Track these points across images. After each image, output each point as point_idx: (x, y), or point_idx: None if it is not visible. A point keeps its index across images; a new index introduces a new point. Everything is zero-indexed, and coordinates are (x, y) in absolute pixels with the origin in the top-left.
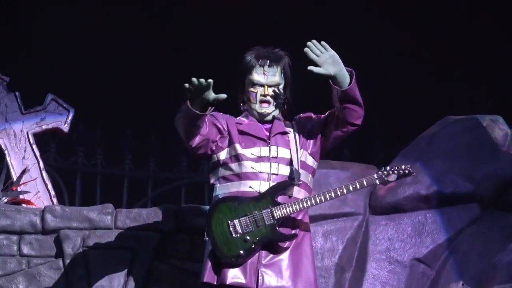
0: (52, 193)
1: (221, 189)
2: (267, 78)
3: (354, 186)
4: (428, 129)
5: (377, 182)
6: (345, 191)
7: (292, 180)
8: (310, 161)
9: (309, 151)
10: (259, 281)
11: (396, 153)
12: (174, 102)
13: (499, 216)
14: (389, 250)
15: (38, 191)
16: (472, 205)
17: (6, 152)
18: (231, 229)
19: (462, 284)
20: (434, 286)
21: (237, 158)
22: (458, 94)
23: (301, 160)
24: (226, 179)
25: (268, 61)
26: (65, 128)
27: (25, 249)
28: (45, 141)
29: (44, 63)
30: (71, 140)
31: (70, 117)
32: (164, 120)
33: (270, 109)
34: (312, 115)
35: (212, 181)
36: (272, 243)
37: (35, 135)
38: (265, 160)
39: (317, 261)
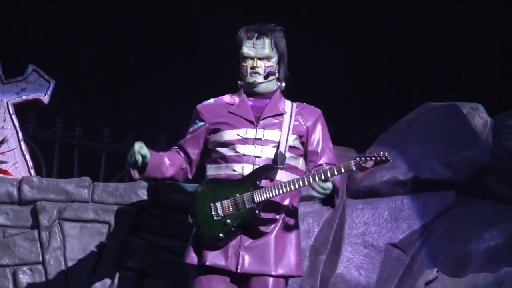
0: (30, 164)
1: (209, 171)
2: (256, 50)
3: (332, 171)
4: (408, 114)
5: (354, 168)
6: (323, 176)
7: (275, 163)
8: (298, 144)
9: (299, 139)
10: (239, 263)
11: (372, 137)
12: (154, 77)
13: (475, 202)
14: (365, 234)
15: (16, 161)
16: (449, 192)
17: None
18: (212, 211)
19: (437, 271)
20: (409, 272)
21: (223, 143)
22: (437, 81)
23: (290, 144)
24: (214, 161)
25: (257, 33)
26: (45, 99)
27: (1, 219)
28: (24, 112)
29: (26, 34)
30: (51, 111)
31: (50, 89)
32: (143, 94)
33: (260, 79)
34: (318, 114)
35: (204, 162)
36: (254, 227)
37: (15, 105)
38: (250, 143)
39: None
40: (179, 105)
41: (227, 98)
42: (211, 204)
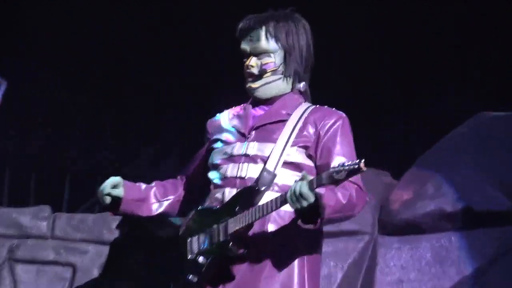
0: None
1: (203, 201)
2: (251, 44)
3: (299, 187)
4: (456, 128)
5: (325, 182)
6: (288, 197)
7: (258, 184)
8: (303, 158)
9: (305, 151)
10: None
11: (413, 155)
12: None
13: None
14: (402, 281)
15: None
16: (510, 227)
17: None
18: (187, 248)
19: None
20: None
21: (213, 165)
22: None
23: (287, 160)
24: (208, 188)
25: (251, 23)
26: None
27: None
28: None
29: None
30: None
31: (2, 90)
32: (119, 107)
33: (256, 84)
34: (337, 118)
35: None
36: (236, 266)
37: None
38: (236, 161)
39: None
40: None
41: (236, 108)
42: (188, 239)
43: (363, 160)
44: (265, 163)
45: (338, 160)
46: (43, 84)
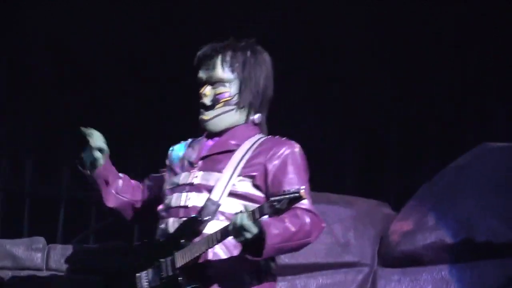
0: None
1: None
2: (207, 72)
3: (239, 218)
4: (459, 158)
5: (267, 212)
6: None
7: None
8: (250, 188)
9: (252, 181)
10: None
11: (413, 186)
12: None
13: None
14: None
15: None
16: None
17: None
18: (137, 283)
19: None
20: None
21: (163, 195)
22: (493, 115)
23: (232, 189)
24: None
25: (208, 51)
26: None
27: None
28: None
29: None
30: None
31: None
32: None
33: (207, 115)
34: (288, 148)
35: None
36: None
37: None
38: (180, 191)
39: None
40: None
41: (196, 139)
42: (137, 274)
43: (302, 188)
44: (209, 192)
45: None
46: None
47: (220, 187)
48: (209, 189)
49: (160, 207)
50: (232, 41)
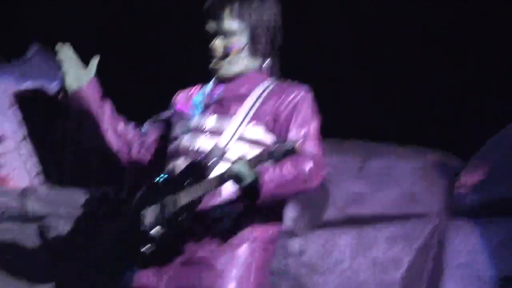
0: (35, 169)
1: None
2: (216, 24)
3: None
4: None
5: (265, 159)
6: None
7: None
8: (261, 134)
9: (264, 127)
10: (165, 282)
11: (482, 137)
12: None
13: None
14: (471, 265)
15: (15, 167)
16: None
17: None
18: (141, 220)
19: None
20: None
21: (172, 138)
22: None
23: (242, 135)
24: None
25: (216, 2)
26: (54, 86)
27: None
28: (28, 101)
29: (31, 7)
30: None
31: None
32: None
33: (217, 65)
34: (299, 92)
35: None
36: (188, 242)
37: (15, 94)
38: (192, 134)
39: (378, 274)
40: None
41: (205, 84)
42: (141, 212)
43: (298, 142)
44: (219, 137)
45: (294, 133)
46: None
47: (229, 133)
48: (220, 134)
49: (170, 147)
50: None
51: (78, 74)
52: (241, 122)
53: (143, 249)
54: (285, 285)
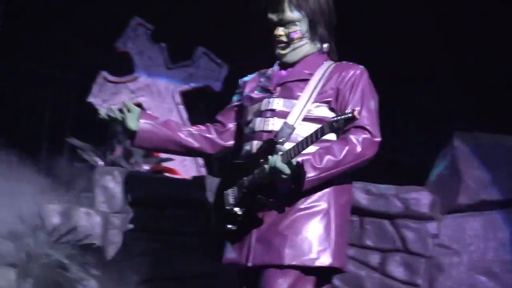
0: (201, 161)
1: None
2: (277, 15)
3: (305, 141)
4: None
5: (327, 131)
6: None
7: (278, 137)
8: (326, 112)
9: (328, 105)
10: (250, 256)
11: None
12: None
13: None
14: None
15: (184, 159)
16: None
17: (149, 112)
18: (224, 199)
19: None
20: None
21: (246, 121)
22: None
23: (307, 113)
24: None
25: None
26: (217, 86)
27: (167, 224)
28: (193, 101)
29: (193, 12)
30: (223, 100)
31: (222, 74)
32: None
33: (285, 50)
34: (355, 71)
35: None
36: (268, 214)
37: (182, 93)
38: (263, 116)
39: (504, 255)
40: None
41: (267, 70)
42: (224, 193)
43: (356, 109)
44: (286, 118)
45: (352, 107)
46: None
47: (296, 113)
48: (287, 115)
49: (245, 130)
50: None
51: (130, 120)
52: (306, 103)
53: (228, 227)
54: (424, 264)
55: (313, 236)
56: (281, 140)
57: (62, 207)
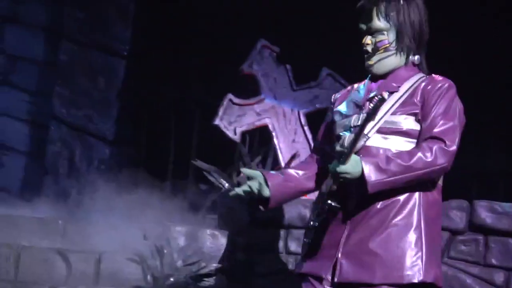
0: None
1: None
2: (366, 24)
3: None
4: None
5: (373, 117)
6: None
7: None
8: (410, 125)
9: (414, 117)
10: (337, 271)
11: None
12: None
13: None
14: None
15: None
16: None
17: (274, 133)
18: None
19: None
20: None
21: (336, 136)
22: None
23: (384, 124)
24: None
25: (365, 3)
26: None
27: (293, 246)
28: (318, 122)
29: (318, 33)
30: None
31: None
32: None
33: (371, 60)
34: (442, 86)
35: None
36: (358, 224)
37: (308, 115)
38: (353, 131)
39: None
40: None
41: (357, 84)
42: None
43: (386, 93)
44: (379, 133)
45: (432, 120)
46: None
47: (370, 124)
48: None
49: (336, 146)
50: None
51: (263, 189)
52: (385, 113)
53: (304, 240)
54: None
55: (404, 252)
56: (345, 149)
57: (187, 229)
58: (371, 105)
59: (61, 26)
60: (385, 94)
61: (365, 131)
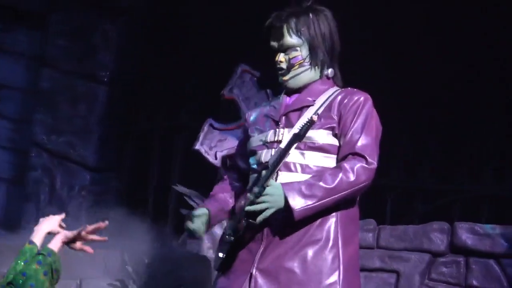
0: None
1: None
2: (278, 41)
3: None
4: None
5: (296, 142)
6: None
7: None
8: (326, 139)
9: (331, 132)
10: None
11: None
12: None
13: None
14: None
15: None
16: None
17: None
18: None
19: None
20: None
21: (250, 151)
22: None
23: (307, 139)
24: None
25: (274, 21)
26: None
27: None
28: None
29: None
30: None
31: None
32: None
33: (286, 77)
34: (359, 99)
35: None
36: (271, 244)
37: None
38: (269, 147)
39: None
40: None
41: (274, 98)
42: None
43: (316, 115)
44: (296, 149)
45: (351, 136)
46: None
47: (287, 138)
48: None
49: (251, 161)
50: (294, 7)
51: (202, 226)
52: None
53: (219, 255)
54: None
55: (321, 270)
56: (271, 170)
57: (168, 254)
58: (299, 126)
59: (43, 53)
60: (315, 117)
61: (281, 145)
